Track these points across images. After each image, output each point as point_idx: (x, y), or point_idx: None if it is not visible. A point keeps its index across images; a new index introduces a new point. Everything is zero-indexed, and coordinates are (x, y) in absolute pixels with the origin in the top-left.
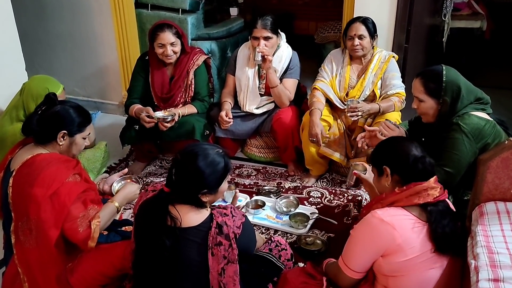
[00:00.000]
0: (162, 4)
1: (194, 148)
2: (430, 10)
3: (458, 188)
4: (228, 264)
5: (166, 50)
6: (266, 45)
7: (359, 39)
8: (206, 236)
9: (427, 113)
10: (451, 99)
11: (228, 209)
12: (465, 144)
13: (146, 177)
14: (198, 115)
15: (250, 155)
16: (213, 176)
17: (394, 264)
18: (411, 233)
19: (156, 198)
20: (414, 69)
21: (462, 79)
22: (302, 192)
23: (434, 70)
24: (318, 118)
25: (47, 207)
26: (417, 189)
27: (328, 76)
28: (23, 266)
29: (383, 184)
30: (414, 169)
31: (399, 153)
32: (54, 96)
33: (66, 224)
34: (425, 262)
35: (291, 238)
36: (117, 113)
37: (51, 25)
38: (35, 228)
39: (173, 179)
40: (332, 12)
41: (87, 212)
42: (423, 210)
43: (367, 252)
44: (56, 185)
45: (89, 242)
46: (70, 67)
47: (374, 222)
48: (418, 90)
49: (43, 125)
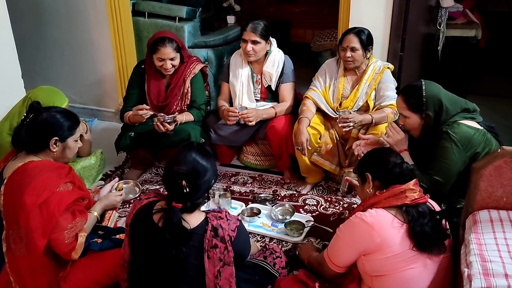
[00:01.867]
0: (159, 12)
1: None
2: (425, 19)
3: (451, 196)
4: (224, 266)
5: (166, 64)
6: (253, 48)
7: (351, 51)
8: (202, 239)
9: (414, 128)
10: (434, 113)
11: (223, 213)
12: (454, 153)
13: (142, 184)
14: (194, 123)
15: (246, 163)
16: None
17: (374, 262)
18: (389, 232)
19: (168, 211)
20: (410, 77)
21: (443, 91)
22: (297, 200)
23: (414, 86)
24: (305, 126)
25: (36, 215)
26: (395, 191)
27: (320, 86)
28: (14, 274)
29: (365, 190)
30: (392, 173)
31: (379, 160)
32: (38, 104)
33: (53, 235)
34: (405, 261)
35: (286, 246)
36: (114, 121)
37: (48, 32)
38: (25, 236)
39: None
40: (328, 20)
41: (75, 224)
42: (402, 211)
43: (348, 249)
44: (47, 194)
45: (72, 254)
46: (67, 74)
47: (355, 222)
48: (401, 107)
49: (33, 135)
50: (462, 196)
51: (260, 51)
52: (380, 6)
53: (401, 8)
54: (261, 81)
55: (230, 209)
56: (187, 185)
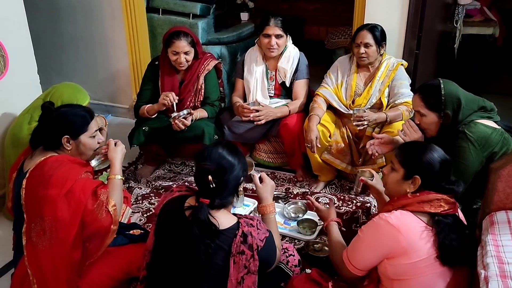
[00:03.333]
0: (173, 8)
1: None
2: (441, 17)
3: (468, 196)
4: (248, 274)
5: (180, 58)
6: (277, 43)
7: (365, 47)
8: (231, 243)
9: (430, 128)
10: (452, 112)
11: (254, 220)
12: (471, 153)
13: (155, 180)
14: (208, 120)
15: (258, 160)
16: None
17: (398, 267)
18: (418, 237)
19: (196, 208)
20: (425, 75)
21: (460, 90)
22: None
23: (432, 85)
24: (315, 124)
25: (63, 206)
26: (431, 197)
27: (332, 83)
28: (33, 267)
29: (403, 188)
30: (443, 188)
31: (438, 172)
32: (50, 104)
33: (87, 218)
34: (429, 266)
35: (298, 244)
36: (127, 117)
37: (63, 28)
38: (49, 229)
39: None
40: (342, 17)
41: (99, 200)
42: (432, 219)
43: (370, 252)
44: (70, 183)
45: (112, 227)
46: (81, 70)
47: (380, 224)
48: (419, 105)
49: (45, 135)
50: (479, 196)
51: (282, 45)
52: (396, 4)
53: (418, 5)
54: (275, 77)
55: (242, 206)
56: (214, 180)
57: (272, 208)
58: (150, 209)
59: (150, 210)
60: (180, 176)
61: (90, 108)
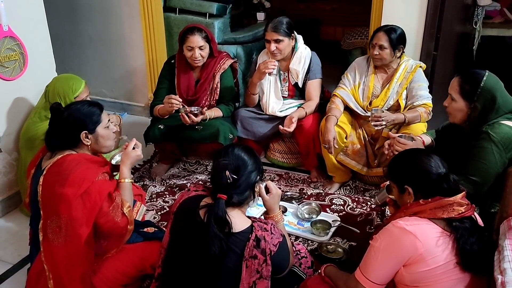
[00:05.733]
0: (189, 8)
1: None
2: (460, 18)
3: (485, 199)
4: (261, 279)
5: (195, 53)
6: (277, 47)
7: (379, 49)
8: (244, 247)
9: (455, 114)
10: (482, 106)
11: (268, 225)
12: (494, 154)
13: (170, 179)
14: (223, 119)
15: (273, 160)
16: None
17: (415, 274)
18: (435, 243)
19: (212, 205)
20: (443, 77)
21: (502, 91)
22: (324, 199)
23: (476, 73)
24: (333, 124)
25: (78, 206)
26: (443, 203)
27: (350, 84)
28: (49, 263)
29: (405, 200)
30: (439, 188)
31: (421, 172)
32: (58, 105)
33: (101, 220)
34: (447, 273)
35: (312, 245)
36: (143, 115)
37: (82, 27)
38: (64, 226)
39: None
40: (359, 18)
41: (115, 203)
42: (448, 225)
43: (388, 263)
44: (87, 184)
45: (128, 227)
46: (98, 69)
47: (395, 232)
48: (454, 89)
49: (61, 135)
50: (497, 200)
51: (284, 48)
52: (414, 4)
53: (436, 6)
54: (288, 78)
55: (256, 206)
56: (231, 175)
57: (280, 217)
58: (164, 207)
59: (164, 208)
60: (194, 174)
61: (97, 101)
